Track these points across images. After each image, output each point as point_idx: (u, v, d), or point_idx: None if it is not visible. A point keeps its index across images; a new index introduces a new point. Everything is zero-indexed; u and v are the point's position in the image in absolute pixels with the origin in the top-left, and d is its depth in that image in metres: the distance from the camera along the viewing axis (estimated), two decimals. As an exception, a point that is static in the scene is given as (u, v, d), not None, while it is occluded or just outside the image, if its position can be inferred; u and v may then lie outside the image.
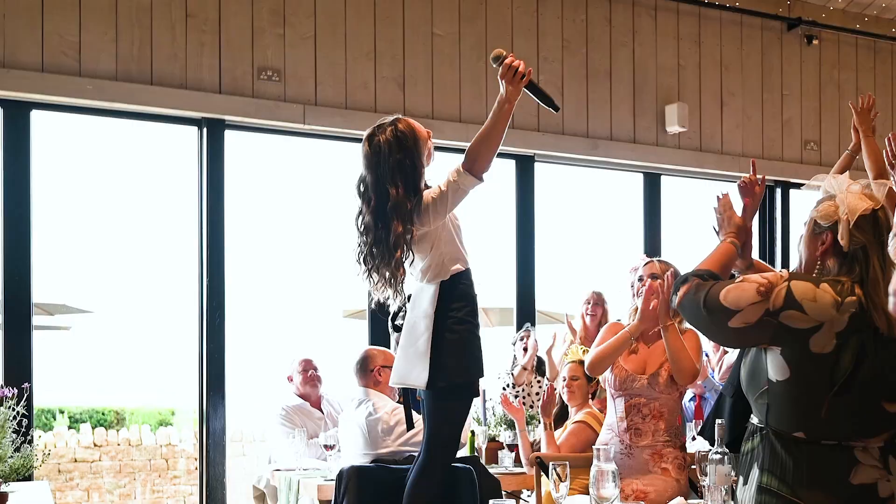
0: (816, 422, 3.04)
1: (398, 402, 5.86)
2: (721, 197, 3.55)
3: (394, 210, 4.60)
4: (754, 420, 3.19)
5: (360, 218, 4.75)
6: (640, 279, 5.14)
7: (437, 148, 5.13)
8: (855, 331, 3.04)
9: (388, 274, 4.72)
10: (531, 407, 7.65)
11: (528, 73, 4.52)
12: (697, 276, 3.24)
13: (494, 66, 4.54)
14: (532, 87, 4.61)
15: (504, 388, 7.89)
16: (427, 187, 4.74)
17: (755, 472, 3.12)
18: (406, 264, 4.72)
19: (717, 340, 3.33)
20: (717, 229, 3.55)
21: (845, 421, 3.05)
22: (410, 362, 4.77)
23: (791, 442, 3.06)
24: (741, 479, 3.21)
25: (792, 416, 3.07)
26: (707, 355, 8.63)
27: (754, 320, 3.08)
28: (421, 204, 4.64)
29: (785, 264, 9.85)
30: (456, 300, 4.76)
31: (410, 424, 5.28)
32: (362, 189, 4.74)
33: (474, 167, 4.58)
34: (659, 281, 4.96)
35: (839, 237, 3.17)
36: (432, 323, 4.70)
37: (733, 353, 7.41)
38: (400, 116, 4.79)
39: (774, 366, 3.09)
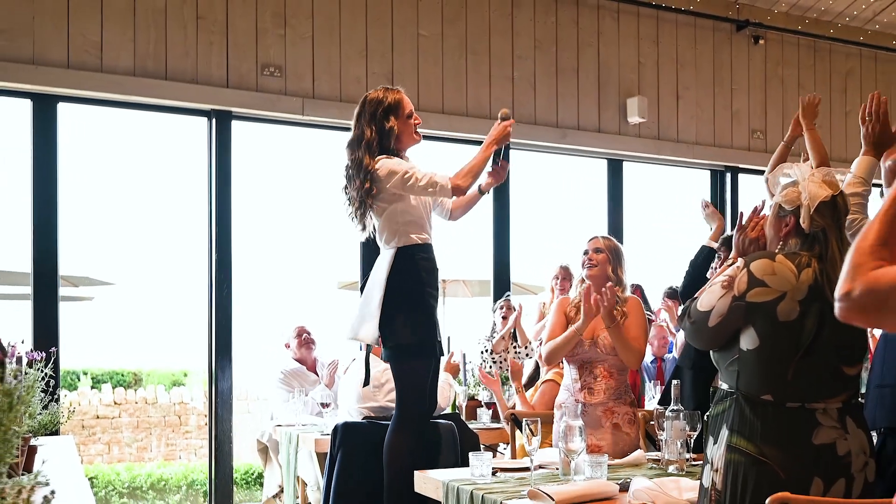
0: (783, 385, 3.04)
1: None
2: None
3: (367, 145, 4.88)
4: (724, 385, 3.18)
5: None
6: (586, 252, 5.13)
7: (423, 137, 5.17)
8: (815, 299, 3.05)
9: (356, 199, 4.92)
10: (508, 370, 7.69)
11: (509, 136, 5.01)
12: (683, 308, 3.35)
13: (499, 119, 4.94)
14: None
15: (482, 353, 7.92)
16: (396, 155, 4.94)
17: (724, 433, 3.11)
18: (371, 197, 4.87)
19: (708, 346, 3.25)
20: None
21: (809, 383, 3.05)
22: (362, 319, 4.92)
23: (759, 405, 3.05)
24: (711, 439, 3.20)
25: (761, 381, 3.06)
26: (667, 322, 8.67)
27: (726, 310, 3.10)
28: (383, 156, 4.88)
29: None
30: (410, 268, 4.89)
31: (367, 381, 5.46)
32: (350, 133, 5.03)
33: (458, 187, 4.87)
34: (602, 293, 4.86)
35: (801, 220, 3.17)
36: (384, 286, 4.84)
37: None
38: (398, 88, 5.05)
39: (746, 337, 3.10)
